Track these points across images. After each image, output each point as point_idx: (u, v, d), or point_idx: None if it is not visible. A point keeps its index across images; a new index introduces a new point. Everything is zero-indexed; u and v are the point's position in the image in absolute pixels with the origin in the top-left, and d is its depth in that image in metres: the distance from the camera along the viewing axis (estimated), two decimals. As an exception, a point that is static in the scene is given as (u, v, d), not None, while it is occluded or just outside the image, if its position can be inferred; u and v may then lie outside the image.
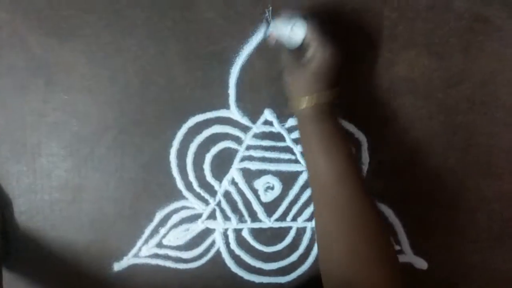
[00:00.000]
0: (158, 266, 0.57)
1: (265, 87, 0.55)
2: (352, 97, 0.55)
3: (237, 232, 0.58)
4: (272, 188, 0.57)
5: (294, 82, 0.47)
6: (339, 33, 0.48)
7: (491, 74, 0.55)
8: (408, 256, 0.59)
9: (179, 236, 0.57)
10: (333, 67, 0.46)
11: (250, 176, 0.57)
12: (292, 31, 0.46)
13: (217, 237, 0.57)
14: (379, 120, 0.56)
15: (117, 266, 0.57)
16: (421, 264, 0.59)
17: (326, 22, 0.48)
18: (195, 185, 0.56)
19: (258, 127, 0.56)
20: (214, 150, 0.56)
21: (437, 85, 0.55)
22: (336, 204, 0.44)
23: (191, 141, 0.55)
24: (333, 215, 0.44)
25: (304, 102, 0.46)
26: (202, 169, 0.56)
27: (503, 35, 0.54)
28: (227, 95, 0.55)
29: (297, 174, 0.57)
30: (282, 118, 0.56)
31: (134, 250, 0.57)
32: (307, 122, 0.47)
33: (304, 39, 0.47)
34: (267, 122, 0.56)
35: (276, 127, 0.56)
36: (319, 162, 0.45)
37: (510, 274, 0.60)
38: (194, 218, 0.57)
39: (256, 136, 0.56)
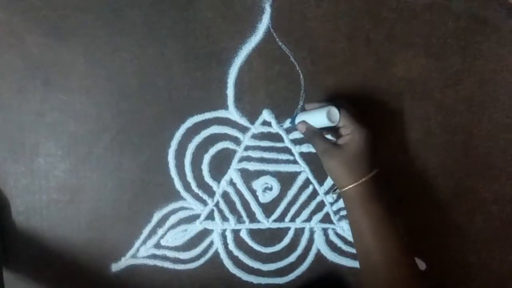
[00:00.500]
0: (156, 266, 0.57)
1: (264, 87, 0.55)
2: (350, 98, 0.55)
3: (235, 232, 0.58)
4: (271, 189, 0.57)
5: (335, 165, 0.48)
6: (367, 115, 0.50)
7: (489, 74, 0.55)
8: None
9: (177, 236, 0.57)
10: (370, 147, 0.48)
11: (248, 176, 0.57)
12: (329, 116, 0.48)
13: (215, 237, 0.57)
14: (377, 120, 0.56)
15: (115, 267, 0.57)
16: (419, 264, 0.59)
17: (355, 107, 0.50)
18: (193, 185, 0.56)
19: (256, 128, 0.56)
20: (213, 150, 0.56)
21: (435, 85, 0.55)
22: (387, 284, 0.45)
23: (189, 141, 0.55)
24: None
25: (350, 182, 0.47)
26: (200, 170, 0.56)
27: (501, 36, 0.55)
28: (225, 96, 0.55)
29: (295, 174, 0.57)
30: (280, 119, 0.56)
31: (132, 251, 0.57)
32: (354, 202, 0.47)
33: (338, 123, 0.48)
34: (265, 123, 0.56)
35: (275, 128, 0.56)
36: (369, 244, 0.46)
37: (508, 275, 0.60)
38: (192, 218, 0.57)
39: (254, 136, 0.56)
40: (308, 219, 0.58)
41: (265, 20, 0.53)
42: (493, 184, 0.58)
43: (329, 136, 0.52)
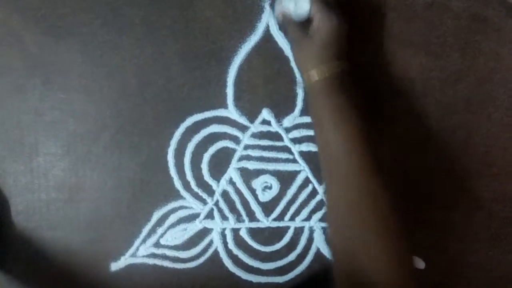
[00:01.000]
0: (155, 265, 0.57)
1: (263, 86, 0.55)
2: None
3: (235, 231, 0.58)
4: (270, 188, 0.57)
5: (302, 55, 0.47)
6: (343, 4, 0.48)
7: (489, 73, 0.55)
8: (406, 256, 0.59)
9: (176, 235, 0.57)
10: (339, 37, 0.46)
11: (248, 175, 0.57)
12: (297, 3, 0.46)
13: (215, 236, 0.57)
14: (376, 119, 0.56)
15: (115, 266, 0.57)
16: (419, 263, 0.59)
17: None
18: (193, 184, 0.56)
19: (256, 127, 0.56)
20: (212, 149, 0.56)
21: (434, 84, 0.55)
22: (345, 179, 0.43)
23: (189, 140, 0.55)
24: (342, 191, 0.43)
25: (314, 75, 0.45)
26: (200, 169, 0.56)
27: (500, 35, 0.55)
28: (225, 95, 0.55)
29: (295, 173, 0.57)
30: (279, 118, 0.56)
31: (131, 250, 0.57)
32: (318, 96, 0.46)
33: (309, 11, 0.47)
34: (265, 122, 0.56)
35: (274, 127, 0.56)
36: (329, 136, 0.44)
37: (507, 274, 0.60)
38: (192, 217, 0.57)
39: (254, 135, 0.56)
40: (308, 218, 0.58)
41: (265, 19, 0.53)
42: (492, 183, 0.58)
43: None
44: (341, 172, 0.44)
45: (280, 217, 0.58)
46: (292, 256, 0.59)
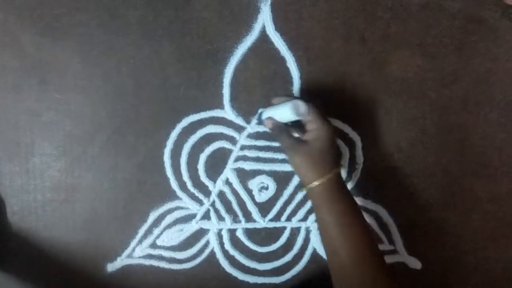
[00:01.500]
0: (151, 266, 0.57)
1: (260, 87, 0.55)
2: (346, 97, 0.55)
3: (231, 232, 0.58)
4: (267, 188, 0.57)
5: (299, 159, 0.48)
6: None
7: (485, 74, 0.56)
8: (402, 256, 0.59)
9: (173, 236, 0.57)
10: (335, 145, 0.48)
11: (244, 176, 0.57)
12: (295, 110, 0.47)
13: (211, 237, 0.57)
14: (373, 120, 0.56)
15: (111, 267, 0.57)
16: (415, 264, 0.59)
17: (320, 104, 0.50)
18: (189, 185, 0.56)
19: (252, 127, 0.56)
20: (208, 150, 0.56)
21: (431, 85, 0.55)
22: (355, 282, 0.45)
23: (185, 141, 0.55)
24: None
25: (315, 181, 0.47)
26: (196, 169, 0.56)
27: (496, 35, 0.55)
28: (221, 95, 0.55)
29: (291, 174, 0.57)
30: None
31: (127, 251, 0.56)
32: (320, 199, 0.47)
33: (305, 118, 0.48)
34: (261, 122, 0.56)
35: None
36: (335, 243, 0.46)
37: (503, 274, 0.60)
38: (188, 218, 0.57)
39: (250, 136, 0.56)
40: (304, 219, 0.58)
41: (261, 20, 0.53)
42: (488, 183, 0.58)
43: (296, 135, 0.51)
44: (350, 277, 0.45)
45: (277, 218, 0.58)
46: (288, 257, 0.59)
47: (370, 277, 0.44)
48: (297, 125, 0.51)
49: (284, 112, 0.48)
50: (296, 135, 0.51)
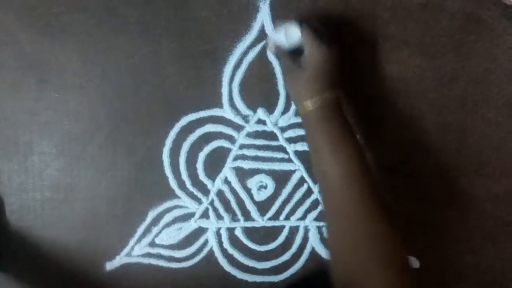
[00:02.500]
0: (150, 265, 0.57)
1: (259, 86, 0.55)
2: (345, 96, 0.55)
3: (230, 231, 0.58)
4: (265, 187, 0.57)
5: (295, 84, 0.48)
6: (334, 33, 0.49)
7: (483, 73, 0.56)
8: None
9: (171, 235, 0.57)
10: (331, 66, 0.46)
11: (243, 175, 0.57)
12: (287, 34, 0.47)
13: (210, 236, 0.57)
14: (372, 119, 0.56)
15: (110, 266, 0.57)
16: (414, 263, 0.59)
17: (320, 25, 0.49)
18: (188, 184, 0.56)
19: (251, 126, 0.56)
20: (207, 149, 0.56)
21: (429, 84, 0.55)
22: (343, 205, 0.44)
23: (184, 140, 0.55)
24: (340, 217, 0.44)
25: (309, 105, 0.46)
26: (195, 168, 0.56)
27: (494, 35, 0.55)
28: (220, 94, 0.55)
29: (290, 173, 0.57)
30: (275, 117, 0.56)
31: (126, 249, 0.57)
32: (313, 125, 0.46)
33: (300, 40, 0.47)
34: (260, 121, 0.56)
35: (269, 126, 0.56)
36: (326, 164, 0.45)
37: (502, 273, 0.61)
38: (187, 217, 0.57)
39: (249, 135, 0.56)
40: (303, 217, 0.58)
41: (260, 19, 0.53)
42: (486, 182, 0.58)
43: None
44: (339, 200, 0.44)
45: (275, 217, 0.58)
46: (287, 255, 0.59)
47: (353, 200, 0.43)
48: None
49: (280, 38, 0.48)
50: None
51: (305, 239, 0.59)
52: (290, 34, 0.47)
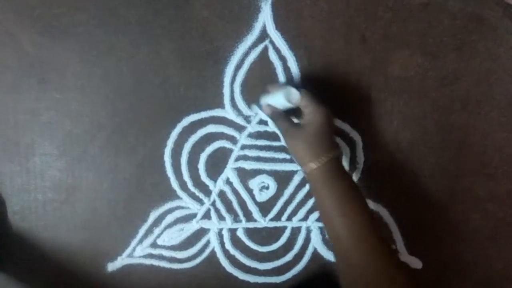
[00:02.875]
0: (152, 266, 0.57)
1: (260, 86, 0.55)
2: (346, 96, 0.55)
3: (232, 232, 0.58)
4: (267, 188, 0.57)
5: (295, 144, 0.48)
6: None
7: (485, 73, 0.56)
8: (403, 256, 0.59)
9: (173, 236, 0.57)
10: (330, 126, 0.48)
11: (245, 175, 0.57)
12: (287, 96, 0.48)
13: (212, 237, 0.57)
14: (374, 119, 0.56)
15: (111, 266, 0.57)
16: (416, 263, 0.59)
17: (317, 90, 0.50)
18: (190, 184, 0.56)
19: (253, 127, 0.56)
20: (209, 149, 0.56)
21: (431, 84, 0.55)
22: (357, 264, 0.44)
23: (185, 140, 0.55)
24: (356, 274, 0.44)
25: (312, 165, 0.47)
26: (196, 169, 0.56)
27: (497, 35, 0.55)
28: (222, 95, 0.55)
29: (292, 173, 0.57)
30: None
31: (128, 250, 0.56)
32: (320, 184, 0.47)
33: (299, 102, 0.48)
34: (262, 122, 0.56)
35: (271, 127, 0.56)
36: (335, 225, 0.46)
37: (503, 273, 0.60)
38: (189, 218, 0.57)
39: (251, 135, 0.56)
40: (305, 218, 0.58)
41: (261, 19, 0.53)
42: (488, 182, 0.58)
43: (295, 120, 0.52)
44: (353, 259, 0.45)
45: (277, 217, 0.58)
46: (289, 256, 0.59)
47: (372, 259, 0.44)
48: (296, 110, 0.51)
49: (278, 100, 0.49)
50: (296, 120, 0.52)
51: (307, 240, 0.58)
52: (290, 96, 0.48)
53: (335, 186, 0.46)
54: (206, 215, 0.57)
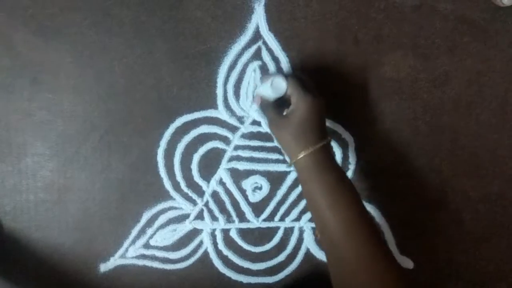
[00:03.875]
0: (145, 266, 0.57)
1: (253, 87, 0.55)
2: (339, 97, 0.55)
3: (225, 232, 0.58)
4: (260, 188, 0.57)
5: (282, 136, 0.48)
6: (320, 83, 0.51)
7: (476, 75, 0.56)
8: (395, 256, 0.59)
9: (166, 236, 0.57)
10: (317, 116, 0.47)
11: (238, 176, 0.57)
12: (273, 85, 0.48)
13: (205, 237, 0.57)
14: (366, 120, 0.56)
15: (104, 267, 0.56)
16: (407, 263, 0.60)
17: (306, 76, 0.51)
18: (183, 185, 0.56)
19: (246, 127, 0.56)
20: (202, 150, 0.56)
21: (423, 86, 0.56)
22: (346, 256, 0.43)
23: (178, 141, 0.55)
24: (343, 263, 0.44)
25: (300, 156, 0.46)
26: (189, 169, 0.56)
27: (488, 36, 0.55)
28: (215, 95, 0.55)
29: (285, 174, 0.57)
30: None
31: (120, 251, 0.56)
32: (307, 175, 0.46)
33: (286, 91, 0.48)
34: (255, 122, 0.56)
35: (264, 128, 0.56)
36: (325, 218, 0.45)
37: (495, 274, 0.61)
38: (182, 218, 0.57)
39: (244, 136, 0.56)
40: (298, 219, 0.58)
41: (255, 20, 0.53)
42: (480, 183, 0.58)
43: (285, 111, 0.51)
44: (342, 251, 0.44)
45: (270, 218, 0.58)
46: (282, 257, 0.59)
47: (361, 250, 0.43)
48: (289, 101, 0.50)
49: (266, 90, 0.49)
50: (286, 112, 0.50)
51: (300, 240, 0.59)
52: (276, 85, 0.48)
53: (323, 177, 0.45)
54: (199, 216, 0.57)
